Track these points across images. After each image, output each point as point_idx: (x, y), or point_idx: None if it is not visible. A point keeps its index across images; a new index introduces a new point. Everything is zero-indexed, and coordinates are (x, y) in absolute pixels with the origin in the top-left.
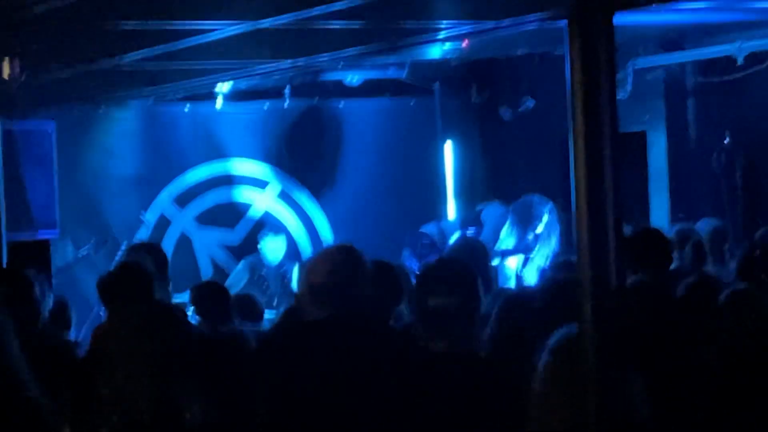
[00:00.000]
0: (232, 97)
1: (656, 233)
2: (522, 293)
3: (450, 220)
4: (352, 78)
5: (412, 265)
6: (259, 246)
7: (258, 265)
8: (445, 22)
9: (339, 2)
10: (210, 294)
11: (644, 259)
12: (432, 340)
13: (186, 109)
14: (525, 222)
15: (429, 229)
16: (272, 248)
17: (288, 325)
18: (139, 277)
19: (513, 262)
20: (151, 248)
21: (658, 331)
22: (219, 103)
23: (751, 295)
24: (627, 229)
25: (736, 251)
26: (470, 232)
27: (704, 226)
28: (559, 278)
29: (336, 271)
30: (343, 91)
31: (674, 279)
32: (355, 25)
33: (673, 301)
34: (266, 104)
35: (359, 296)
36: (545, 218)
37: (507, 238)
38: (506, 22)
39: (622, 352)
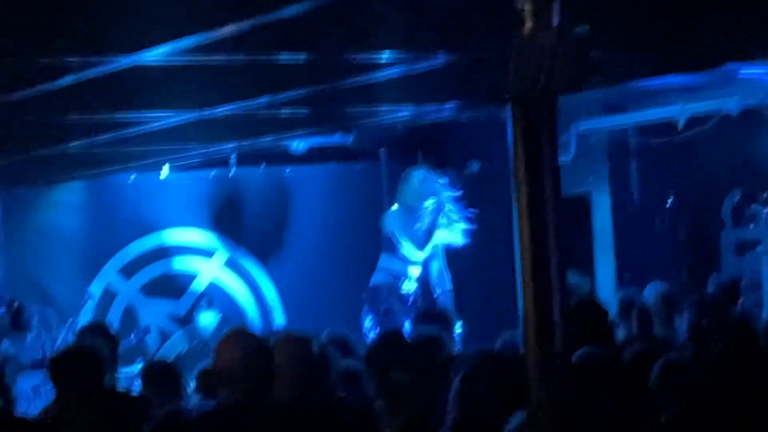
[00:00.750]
0: (177, 166)
1: (591, 305)
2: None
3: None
4: (299, 145)
5: (371, 326)
6: (195, 316)
7: (193, 335)
8: (387, 106)
9: (284, 93)
10: (160, 373)
11: (584, 335)
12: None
13: (131, 180)
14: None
15: (381, 277)
16: (206, 320)
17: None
18: (92, 362)
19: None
20: (103, 330)
21: (608, 403)
22: (164, 172)
23: (685, 366)
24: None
25: (684, 314)
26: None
27: (652, 290)
28: (497, 354)
29: (238, 357)
30: (289, 157)
31: (622, 348)
32: (300, 112)
33: (621, 371)
34: (212, 172)
35: (264, 380)
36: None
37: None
38: (449, 105)
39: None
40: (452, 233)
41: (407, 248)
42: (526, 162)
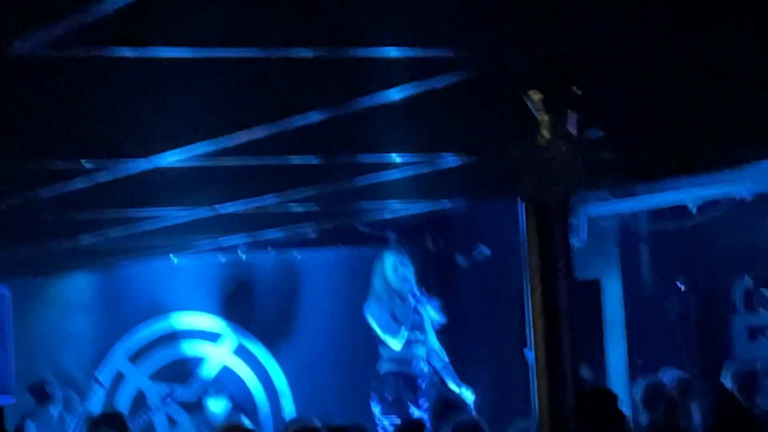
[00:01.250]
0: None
1: (603, 393)
2: None
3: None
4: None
5: (381, 414)
6: (204, 403)
7: (206, 420)
8: (399, 202)
9: (293, 190)
10: None
11: (596, 422)
12: None
13: (141, 264)
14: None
15: (387, 365)
16: (214, 408)
17: None
18: None
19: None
20: (115, 420)
21: None
22: (174, 257)
23: None
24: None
25: (698, 401)
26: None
27: (668, 377)
28: None
29: None
30: (299, 242)
31: None
32: (309, 207)
33: None
34: (222, 257)
35: None
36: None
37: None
38: (461, 202)
39: None
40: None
41: (385, 339)
42: (539, 255)
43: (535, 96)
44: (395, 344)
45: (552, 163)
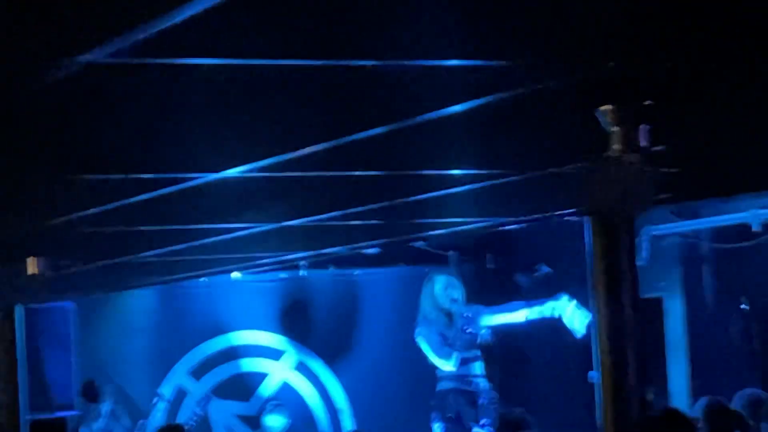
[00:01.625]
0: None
1: (678, 415)
2: None
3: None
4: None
5: (442, 430)
6: (262, 420)
7: None
8: (459, 218)
9: (354, 205)
10: None
11: None
12: None
13: (202, 280)
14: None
15: (445, 383)
16: (272, 423)
17: None
18: None
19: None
20: (174, 430)
21: None
22: (236, 273)
23: None
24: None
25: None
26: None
27: (739, 396)
28: None
29: None
30: (359, 260)
31: None
32: (372, 222)
33: None
34: (283, 274)
35: None
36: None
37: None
38: (524, 219)
39: None
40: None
41: (436, 362)
42: (605, 272)
43: (606, 109)
44: (446, 366)
45: (622, 177)
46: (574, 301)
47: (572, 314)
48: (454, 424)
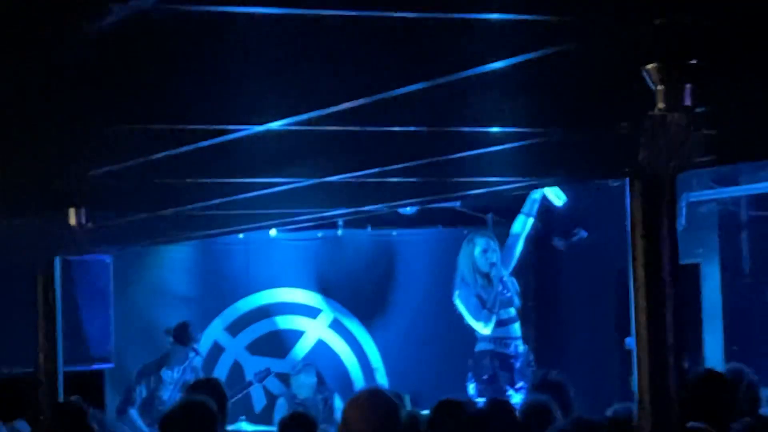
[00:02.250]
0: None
1: (719, 378)
2: None
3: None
4: (407, 208)
5: (476, 393)
6: (291, 380)
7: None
8: (497, 178)
9: (393, 162)
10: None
11: (707, 410)
12: None
13: (240, 237)
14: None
15: (483, 344)
16: (301, 384)
17: None
18: (203, 417)
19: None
20: (214, 385)
21: None
22: (273, 231)
23: None
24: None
25: None
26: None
27: None
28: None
29: (372, 418)
30: (396, 220)
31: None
32: (411, 180)
33: None
34: (320, 233)
35: None
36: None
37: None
38: (565, 180)
39: None
40: None
41: (474, 324)
42: (644, 234)
43: (651, 67)
44: (484, 329)
45: (666, 137)
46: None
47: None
48: (489, 385)
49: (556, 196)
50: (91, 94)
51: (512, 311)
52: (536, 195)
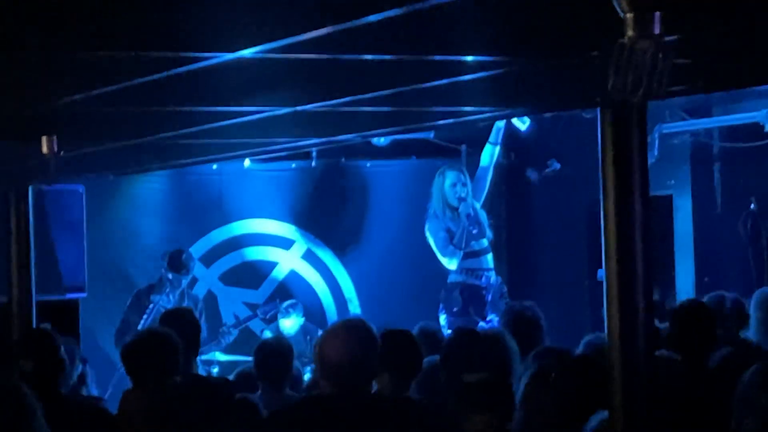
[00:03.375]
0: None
1: (702, 308)
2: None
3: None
4: (380, 139)
5: (447, 325)
6: (277, 320)
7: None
8: (470, 107)
9: (366, 90)
10: (273, 356)
11: (686, 340)
12: (467, 416)
13: (213, 167)
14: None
15: (456, 276)
16: (288, 325)
17: (306, 400)
18: (164, 347)
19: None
20: (184, 315)
21: (692, 407)
22: (246, 162)
23: None
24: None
25: None
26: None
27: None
28: (574, 356)
29: (348, 349)
30: (370, 151)
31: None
32: (384, 109)
33: (708, 373)
34: (293, 164)
35: (371, 373)
36: None
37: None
38: (537, 109)
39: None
40: None
41: (441, 258)
42: (615, 164)
43: None
44: (449, 264)
45: (636, 62)
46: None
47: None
48: (460, 317)
49: (520, 120)
50: (61, 21)
51: (484, 242)
52: (500, 123)
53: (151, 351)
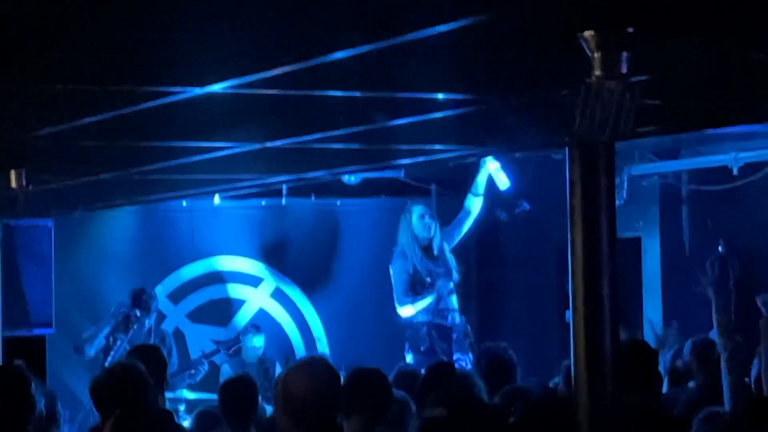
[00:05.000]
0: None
1: (643, 347)
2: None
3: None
4: (350, 177)
5: (414, 364)
6: (241, 342)
7: (242, 367)
8: (439, 145)
9: (339, 130)
10: (238, 392)
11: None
12: None
13: (183, 204)
14: None
15: (420, 315)
16: (252, 346)
17: None
18: (132, 381)
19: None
20: (152, 352)
21: None
22: (216, 199)
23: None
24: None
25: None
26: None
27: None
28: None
29: (312, 384)
30: (340, 189)
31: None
32: (353, 146)
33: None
34: (263, 201)
35: (335, 410)
36: None
37: None
38: (505, 147)
39: None
40: None
41: (396, 302)
42: (583, 203)
43: (588, 33)
44: (401, 311)
45: (602, 103)
46: (498, 162)
47: (495, 171)
48: (427, 356)
49: (501, 180)
50: (32, 55)
51: (450, 285)
52: (484, 175)
53: (118, 385)
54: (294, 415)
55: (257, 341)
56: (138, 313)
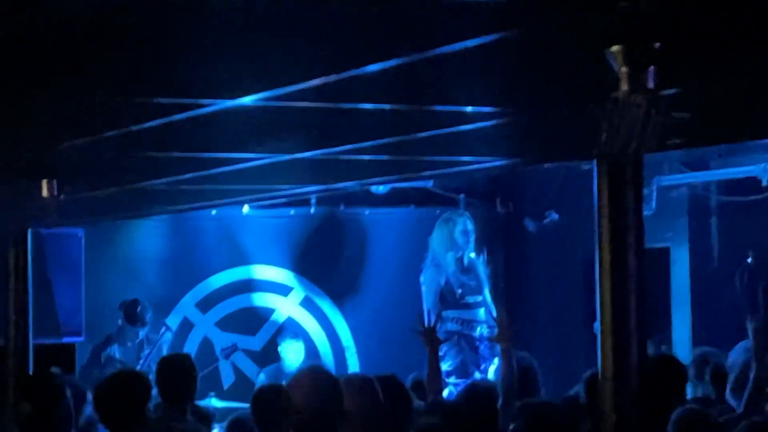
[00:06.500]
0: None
1: (671, 361)
2: None
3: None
4: (379, 187)
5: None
6: (278, 349)
7: (278, 375)
8: (469, 157)
9: (369, 141)
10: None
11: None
12: None
13: (213, 213)
14: None
15: (450, 326)
16: (291, 352)
17: None
18: (135, 389)
19: None
20: (182, 361)
21: None
22: (245, 208)
23: None
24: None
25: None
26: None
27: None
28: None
29: (309, 395)
30: (369, 199)
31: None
32: (382, 158)
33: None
34: (292, 210)
35: (333, 421)
36: None
37: None
38: (534, 160)
39: None
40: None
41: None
42: (610, 215)
43: (615, 49)
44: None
45: (629, 117)
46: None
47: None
48: (457, 367)
49: None
50: (64, 66)
51: (479, 298)
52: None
53: (122, 392)
54: (296, 426)
55: (293, 347)
56: (128, 327)
